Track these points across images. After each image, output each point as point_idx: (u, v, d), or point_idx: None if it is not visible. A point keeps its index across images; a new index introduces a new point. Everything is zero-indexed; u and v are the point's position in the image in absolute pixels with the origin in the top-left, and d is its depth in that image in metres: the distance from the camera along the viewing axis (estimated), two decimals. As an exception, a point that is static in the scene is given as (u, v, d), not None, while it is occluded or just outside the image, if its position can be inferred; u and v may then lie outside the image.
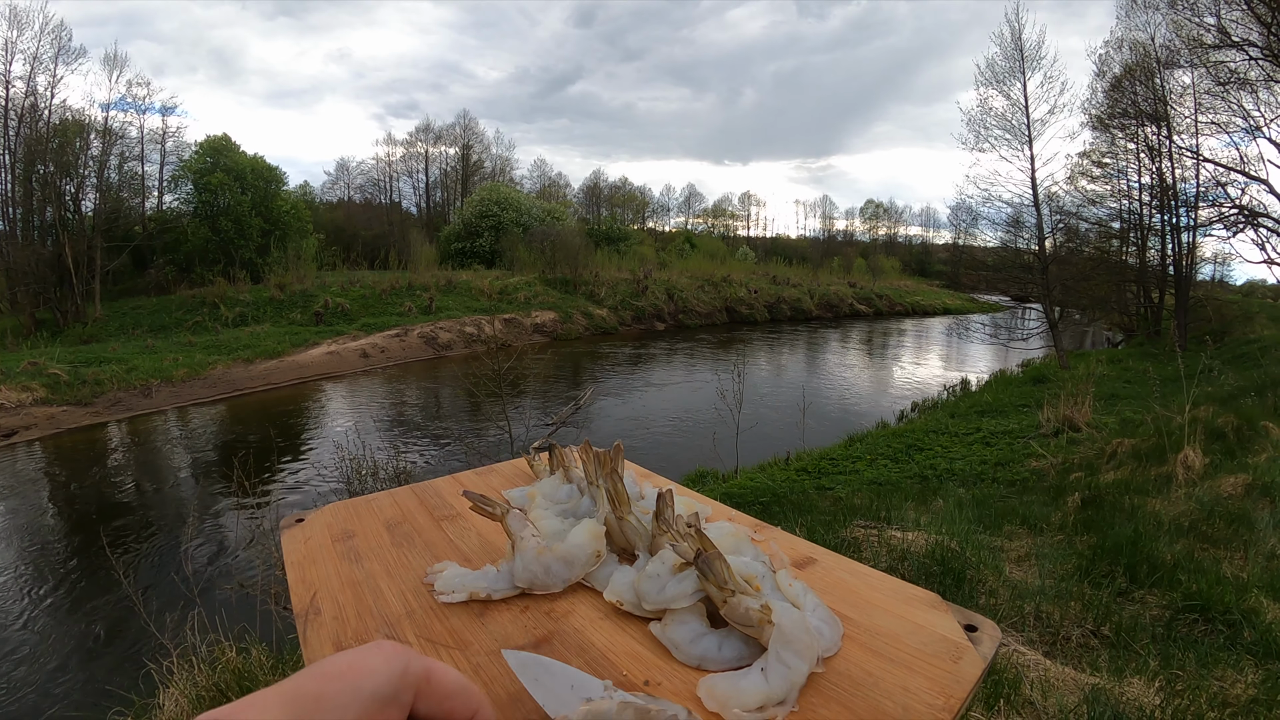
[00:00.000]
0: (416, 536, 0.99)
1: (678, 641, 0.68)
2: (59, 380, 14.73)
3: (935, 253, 72.40)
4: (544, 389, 16.93)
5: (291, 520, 1.07)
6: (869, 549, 3.95)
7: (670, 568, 0.73)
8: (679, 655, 0.68)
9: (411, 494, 1.15)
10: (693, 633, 0.68)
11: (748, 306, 34.02)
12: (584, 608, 0.78)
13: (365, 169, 54.14)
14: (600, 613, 0.77)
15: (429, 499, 1.13)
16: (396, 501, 1.13)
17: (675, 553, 0.73)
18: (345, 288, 25.43)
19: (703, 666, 0.66)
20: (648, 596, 0.72)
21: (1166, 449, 6.36)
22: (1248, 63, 17.19)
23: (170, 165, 30.60)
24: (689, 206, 74.42)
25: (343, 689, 0.37)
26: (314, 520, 1.07)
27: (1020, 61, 19.68)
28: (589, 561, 0.81)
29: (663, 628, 0.70)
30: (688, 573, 0.71)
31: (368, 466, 8.31)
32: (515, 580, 0.80)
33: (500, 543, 0.94)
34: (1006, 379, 17.87)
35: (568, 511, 0.95)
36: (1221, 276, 32.04)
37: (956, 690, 0.62)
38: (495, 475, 1.23)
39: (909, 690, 0.62)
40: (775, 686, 0.59)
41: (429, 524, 1.03)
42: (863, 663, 0.67)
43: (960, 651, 0.68)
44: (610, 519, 0.86)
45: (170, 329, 21.43)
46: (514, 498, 1.06)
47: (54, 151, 23.90)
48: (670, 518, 0.79)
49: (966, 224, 24.57)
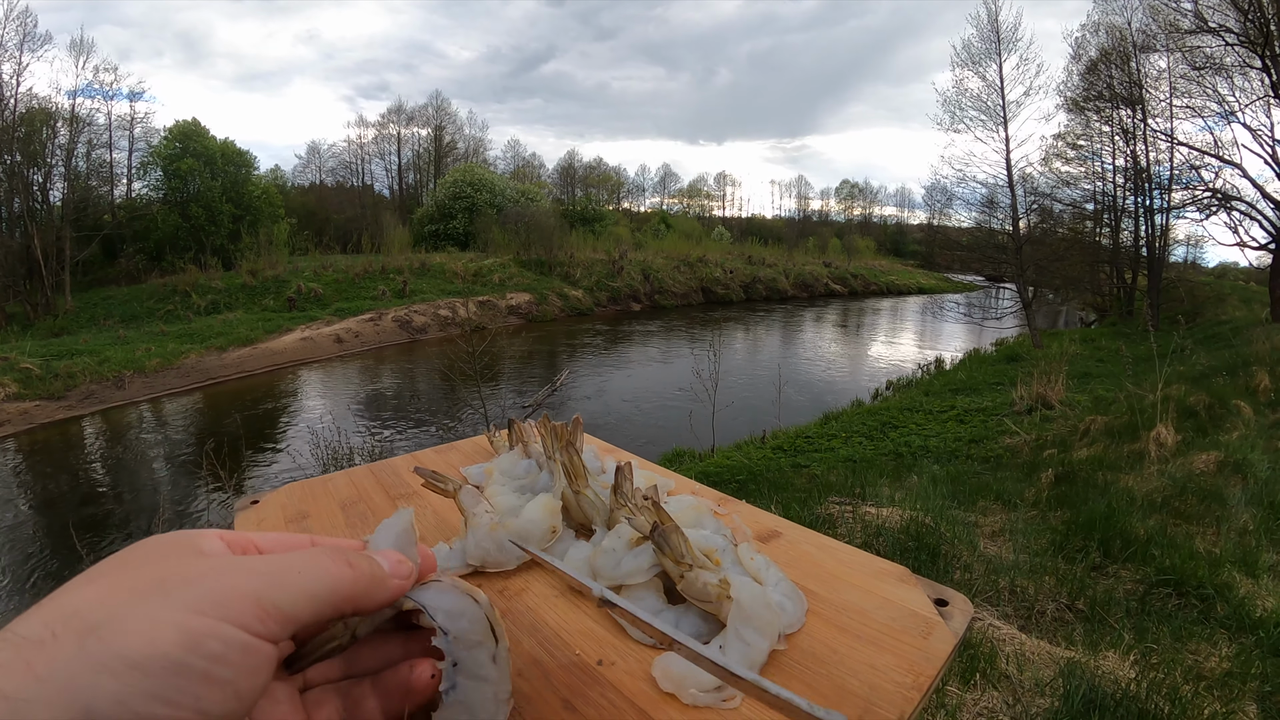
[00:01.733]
0: (371, 515, 0.95)
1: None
2: (31, 375, 14.45)
3: (910, 233, 73.03)
4: (520, 371, 16.89)
5: (246, 502, 1.02)
6: (844, 525, 3.96)
7: (627, 542, 0.69)
8: (634, 633, 0.64)
9: (369, 473, 1.11)
10: (649, 609, 0.65)
11: (723, 287, 34.16)
12: (538, 584, 0.75)
13: (337, 152, 53.52)
14: (554, 590, 0.73)
15: (386, 478, 1.09)
16: (353, 481, 1.09)
17: (632, 526, 0.69)
18: (318, 273, 25.15)
19: (659, 645, 0.62)
20: (603, 572, 0.69)
21: (1139, 426, 6.44)
22: (1223, 48, 17.41)
23: (139, 152, 30.09)
24: (664, 187, 74.55)
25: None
26: (269, 501, 1.03)
27: (996, 44, 19.80)
28: (544, 537, 0.77)
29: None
30: (644, 547, 0.67)
31: (343, 452, 8.24)
32: (467, 558, 0.76)
33: (455, 521, 0.90)
34: (980, 357, 18.08)
35: (525, 487, 0.92)
36: (1194, 258, 32.58)
37: (926, 668, 0.59)
38: (455, 452, 1.20)
39: (876, 668, 0.59)
40: (734, 665, 0.56)
41: (385, 503, 0.99)
42: (828, 639, 0.63)
43: (930, 627, 0.65)
44: (567, 493, 0.83)
45: (142, 319, 21.09)
46: (472, 474, 1.02)
47: (20, 141, 23.39)
48: (629, 491, 0.76)
49: (941, 204, 24.86)
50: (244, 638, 0.35)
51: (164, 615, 0.33)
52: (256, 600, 0.36)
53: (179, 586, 0.35)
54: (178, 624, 0.33)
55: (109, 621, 0.32)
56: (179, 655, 0.32)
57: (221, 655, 0.34)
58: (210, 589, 0.35)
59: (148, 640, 0.32)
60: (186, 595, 0.35)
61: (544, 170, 60.30)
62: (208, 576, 0.36)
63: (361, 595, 0.43)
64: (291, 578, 0.39)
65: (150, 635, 0.32)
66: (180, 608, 0.34)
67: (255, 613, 0.36)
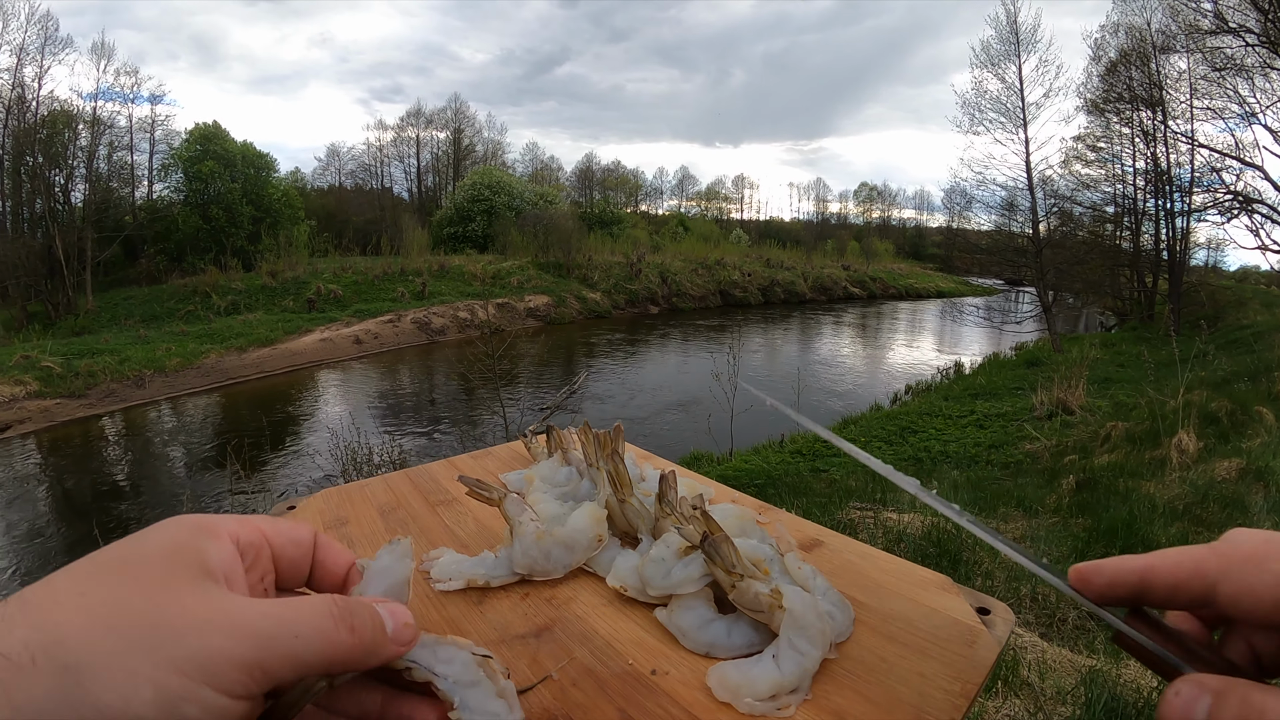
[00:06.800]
0: (411, 523, 0.96)
1: (685, 628, 0.65)
2: (52, 373, 14.64)
3: (929, 235, 72.32)
4: (538, 373, 16.92)
5: (283, 508, 1.03)
6: (865, 531, 3.96)
7: (675, 551, 0.70)
8: (686, 642, 0.65)
9: (405, 479, 1.12)
10: (700, 619, 0.66)
11: (741, 289, 33.95)
12: (586, 594, 0.76)
13: (356, 154, 53.66)
14: (603, 599, 0.74)
15: (423, 484, 1.10)
16: (390, 487, 1.10)
17: (681, 536, 0.70)
18: (338, 274, 25.26)
19: (711, 654, 0.63)
20: (652, 582, 0.70)
21: (1160, 432, 6.38)
22: (1244, 49, 17.15)
23: (160, 154, 30.41)
24: (682, 189, 74.34)
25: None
26: (305, 507, 1.03)
27: (1015, 45, 19.66)
28: (590, 546, 0.79)
29: (669, 614, 0.67)
30: (694, 556, 0.68)
31: (362, 453, 8.29)
32: (514, 566, 0.77)
33: (497, 528, 0.91)
34: (1000, 362, 17.92)
35: (567, 495, 0.93)
36: (1215, 262, 32.04)
37: (973, 675, 0.60)
38: (491, 459, 1.21)
39: (925, 676, 0.60)
40: (788, 674, 0.57)
41: (424, 509, 1.00)
42: (876, 648, 0.64)
43: (974, 635, 0.66)
44: (611, 502, 0.83)
45: (162, 319, 21.28)
46: (511, 481, 1.03)
47: (42, 143, 23.69)
48: (674, 500, 0.77)
49: (960, 207, 24.64)
50: (222, 702, 0.35)
51: (144, 671, 0.33)
52: (245, 666, 0.36)
53: (167, 639, 0.35)
54: (157, 683, 0.33)
55: (88, 665, 0.33)
56: (151, 717, 0.33)
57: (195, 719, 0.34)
58: (199, 648, 0.35)
59: (124, 697, 0.32)
60: (174, 651, 0.35)
61: (562, 173, 60.32)
62: (201, 632, 0.36)
63: (356, 662, 0.42)
64: (286, 642, 0.38)
65: (127, 692, 0.33)
66: (163, 664, 0.34)
67: (241, 678, 0.36)
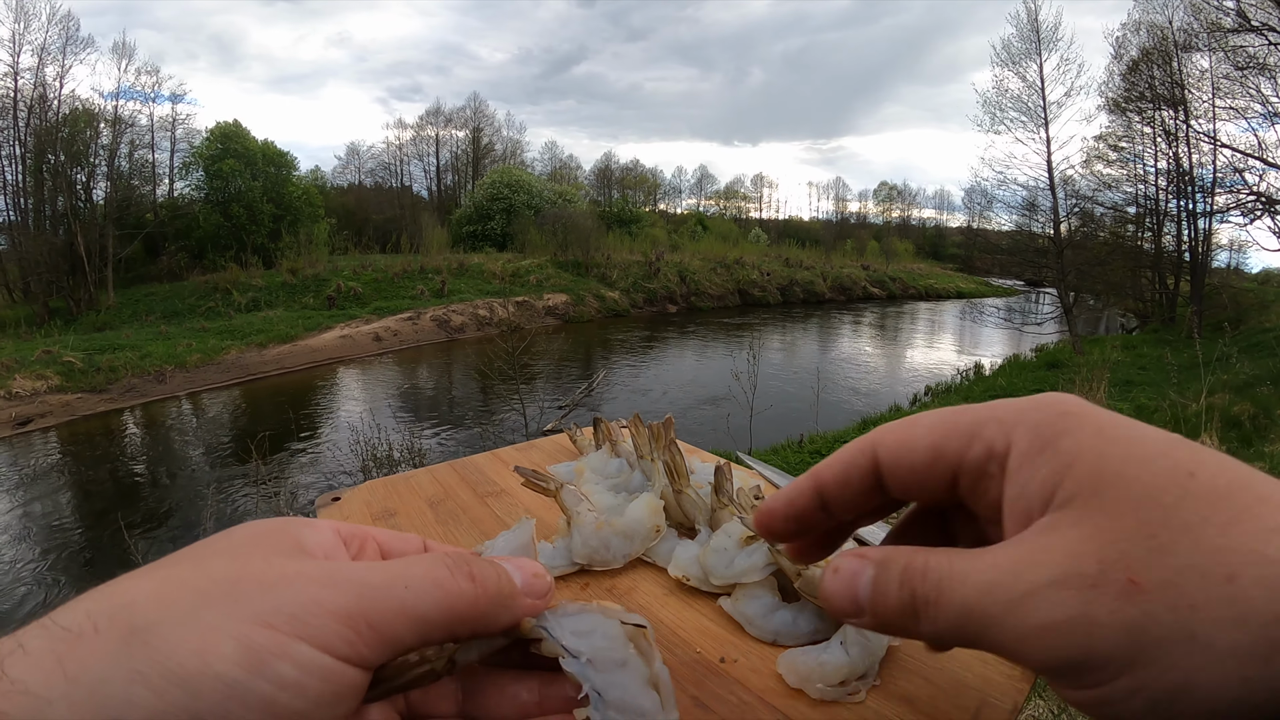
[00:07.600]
0: (462, 514, 0.97)
1: (751, 617, 0.66)
2: (73, 368, 14.84)
3: (949, 235, 71.74)
4: (556, 371, 16.96)
5: (328, 499, 1.04)
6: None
7: (737, 541, 0.71)
8: (752, 630, 0.66)
9: (451, 470, 1.13)
10: (766, 607, 0.66)
11: (760, 289, 33.85)
12: (647, 584, 0.77)
13: (375, 153, 53.85)
14: (664, 589, 0.75)
15: (470, 475, 1.11)
16: (436, 479, 1.10)
17: (744, 525, 0.71)
18: (357, 271, 25.46)
19: (778, 641, 0.64)
20: (715, 571, 0.71)
21: (1183, 436, 6.31)
22: (1267, 47, 16.95)
23: (181, 152, 30.76)
24: (701, 189, 74.09)
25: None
26: (351, 498, 1.04)
27: (1036, 43, 19.52)
28: (649, 536, 0.79)
29: (734, 603, 0.68)
30: (756, 546, 0.69)
31: (383, 448, 8.34)
32: (574, 556, 0.78)
33: (549, 519, 0.92)
34: (1020, 363, 17.78)
35: (619, 486, 0.94)
36: (1237, 264, 31.71)
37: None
38: (536, 451, 1.22)
39: (985, 661, 0.60)
40: (857, 660, 0.57)
41: (473, 500, 1.01)
42: (939, 637, 0.65)
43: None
44: (667, 492, 0.84)
45: (183, 315, 21.52)
46: (559, 473, 1.04)
47: (64, 141, 24.06)
48: (731, 490, 0.78)
49: (981, 207, 24.47)
50: (325, 661, 0.29)
51: (226, 625, 0.28)
52: (347, 617, 0.30)
53: (252, 592, 0.30)
54: (240, 638, 0.28)
55: (159, 624, 0.27)
56: (236, 676, 0.27)
57: (294, 681, 0.28)
58: (289, 598, 0.30)
59: (199, 654, 0.27)
60: (258, 603, 0.29)
61: (581, 172, 60.30)
62: (292, 583, 0.30)
63: (481, 617, 0.35)
64: (395, 593, 0.32)
65: (203, 648, 0.27)
66: (247, 618, 0.28)
67: (343, 632, 0.30)
